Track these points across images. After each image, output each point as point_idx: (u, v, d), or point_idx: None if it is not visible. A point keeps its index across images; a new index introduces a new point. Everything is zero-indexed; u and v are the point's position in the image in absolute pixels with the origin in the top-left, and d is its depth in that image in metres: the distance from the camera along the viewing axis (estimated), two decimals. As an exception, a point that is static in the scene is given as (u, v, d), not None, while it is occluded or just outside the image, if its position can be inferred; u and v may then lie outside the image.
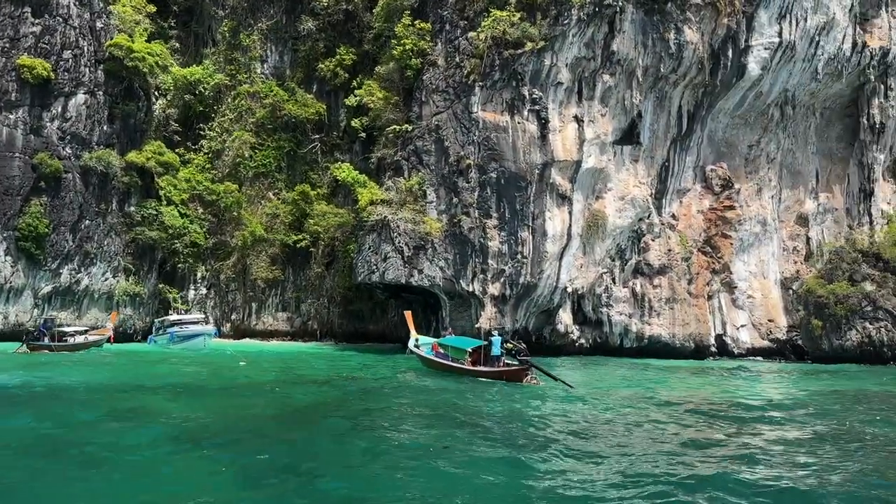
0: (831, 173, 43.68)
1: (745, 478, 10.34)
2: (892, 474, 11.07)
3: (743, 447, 12.99)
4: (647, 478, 10.33)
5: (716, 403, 19.43)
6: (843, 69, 41.04)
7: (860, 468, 11.35)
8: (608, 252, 38.92)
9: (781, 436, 14.38)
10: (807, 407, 19.05)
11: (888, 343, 36.15)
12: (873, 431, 14.97)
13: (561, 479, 10.30)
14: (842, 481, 10.32)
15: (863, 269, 37.75)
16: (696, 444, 13.26)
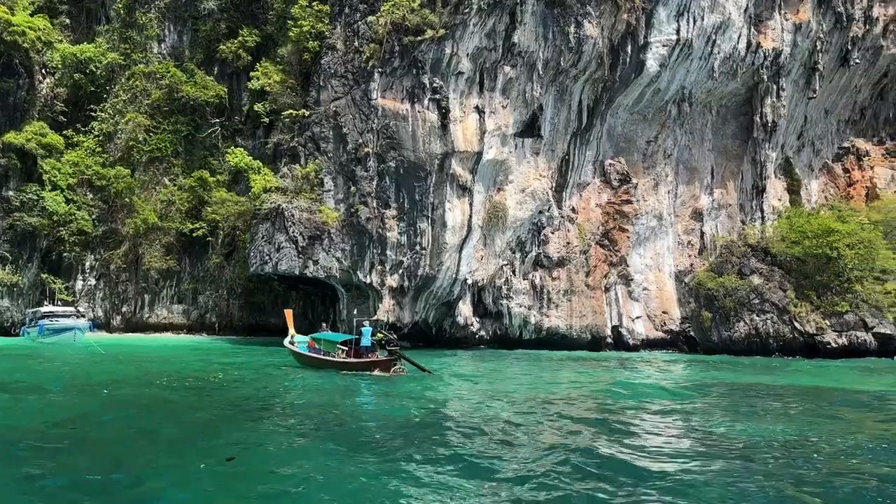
0: (726, 170, 44.61)
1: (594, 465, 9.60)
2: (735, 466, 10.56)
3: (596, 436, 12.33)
4: (511, 471, 9.48)
5: (589, 394, 18.94)
6: (738, 68, 41.86)
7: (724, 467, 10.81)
8: (509, 244, 38.39)
9: (638, 425, 13.87)
10: (671, 396, 18.81)
11: (773, 335, 37.13)
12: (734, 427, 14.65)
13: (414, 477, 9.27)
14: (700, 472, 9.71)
15: (751, 262, 38.65)
16: (567, 433, 12.60)
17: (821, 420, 15.43)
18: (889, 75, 47.78)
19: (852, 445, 12.39)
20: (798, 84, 44.31)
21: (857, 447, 12.26)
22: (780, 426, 14.27)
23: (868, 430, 14.29)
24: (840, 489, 9.43)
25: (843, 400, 19.07)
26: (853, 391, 20.89)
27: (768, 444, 12.38)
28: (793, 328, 36.92)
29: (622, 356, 35.94)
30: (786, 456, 11.44)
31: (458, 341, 37.89)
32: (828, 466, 10.71)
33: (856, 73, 46.37)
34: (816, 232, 37.33)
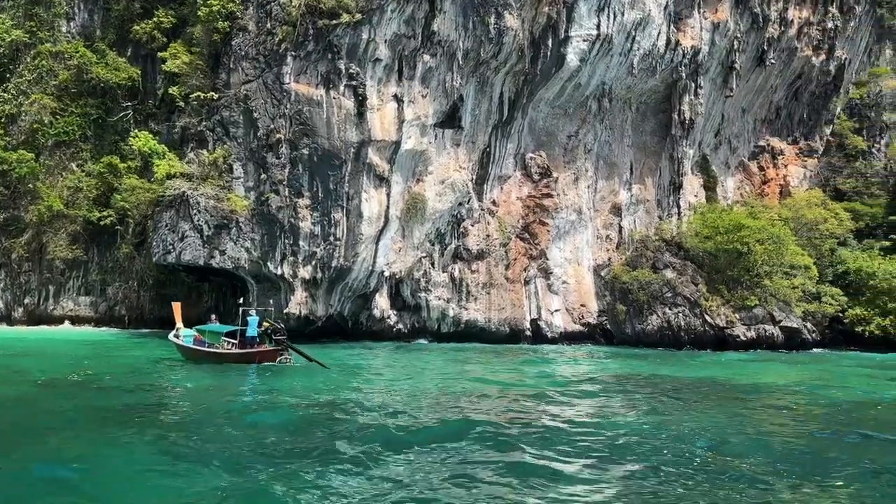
0: (645, 166, 44.74)
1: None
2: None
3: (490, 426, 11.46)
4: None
5: (493, 387, 18.18)
6: (657, 65, 41.92)
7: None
8: (427, 236, 37.44)
9: (523, 416, 13.09)
10: (568, 387, 18.20)
11: (685, 328, 37.32)
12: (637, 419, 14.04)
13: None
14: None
15: (665, 257, 38.78)
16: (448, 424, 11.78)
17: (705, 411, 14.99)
18: (803, 77, 48.82)
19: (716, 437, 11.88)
20: (716, 83, 44.77)
21: (723, 440, 11.77)
22: (666, 418, 13.72)
23: (740, 420, 13.89)
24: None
25: (731, 392, 18.83)
26: (745, 385, 20.74)
27: (643, 437, 11.76)
28: (704, 321, 37.20)
29: (539, 349, 35.55)
30: (666, 449, 10.82)
31: (374, 334, 36.77)
32: (703, 464, 10.10)
33: (772, 73, 47.18)
34: (728, 227, 37.67)
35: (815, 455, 10.91)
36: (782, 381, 21.69)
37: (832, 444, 11.90)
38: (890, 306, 39.85)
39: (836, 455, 10.91)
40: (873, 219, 44.44)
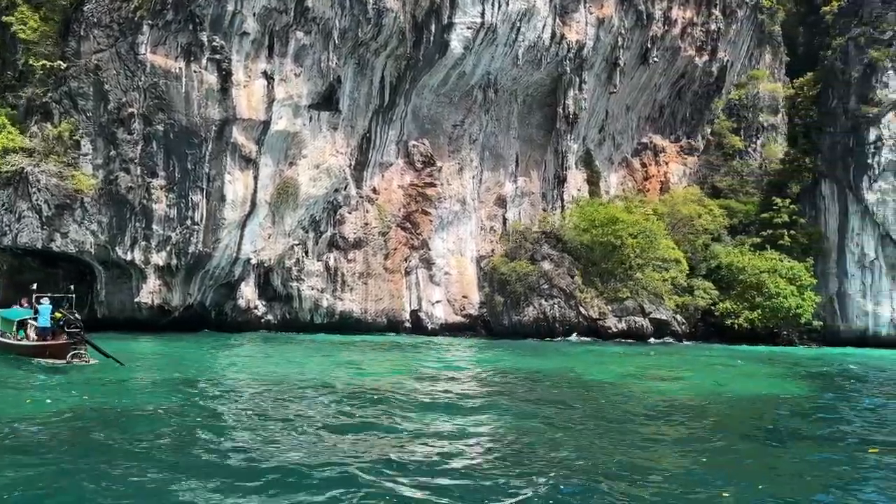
0: (530, 159, 44.07)
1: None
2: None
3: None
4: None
5: (343, 379, 16.48)
6: (542, 58, 41.22)
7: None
8: (301, 223, 35.29)
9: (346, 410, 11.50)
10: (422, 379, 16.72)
11: (560, 319, 36.80)
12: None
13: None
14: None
15: (543, 249, 38.14)
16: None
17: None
18: (686, 76, 49.38)
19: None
20: (600, 78, 44.54)
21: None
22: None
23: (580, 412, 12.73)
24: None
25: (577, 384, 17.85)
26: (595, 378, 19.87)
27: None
28: (578, 313, 36.81)
29: (416, 340, 34.10)
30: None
31: (241, 326, 34.34)
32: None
33: (655, 71, 47.43)
34: (603, 221, 37.39)
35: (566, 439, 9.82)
36: (612, 373, 21.00)
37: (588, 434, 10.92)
38: (757, 301, 40.74)
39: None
40: (746, 216, 45.38)
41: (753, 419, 13.30)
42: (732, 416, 13.72)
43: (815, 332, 42.88)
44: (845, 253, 42.69)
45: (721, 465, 9.34)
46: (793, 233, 42.93)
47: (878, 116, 41.19)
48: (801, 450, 10.43)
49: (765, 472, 9.13)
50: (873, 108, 41.19)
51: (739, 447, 10.56)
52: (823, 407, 14.86)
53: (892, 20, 41.77)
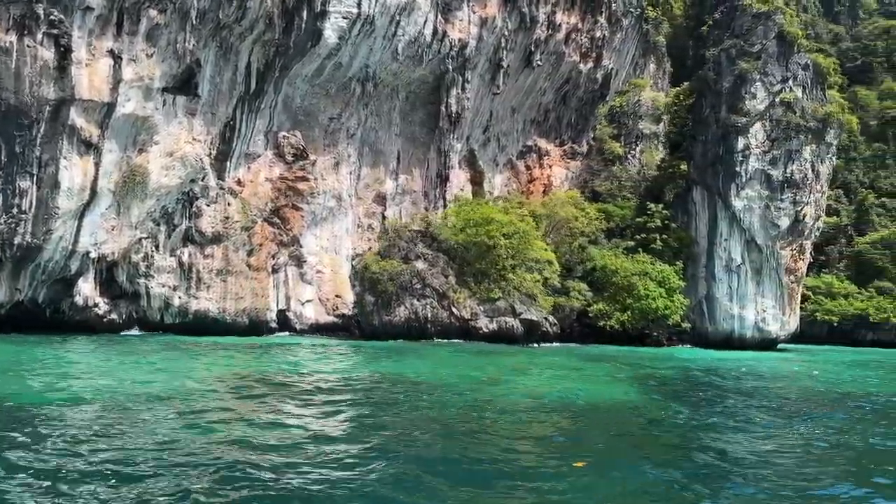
0: (413, 156, 42.60)
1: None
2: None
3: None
4: None
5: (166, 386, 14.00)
6: (424, 54, 39.82)
7: None
8: (151, 215, 32.27)
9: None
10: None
11: (432, 319, 35.31)
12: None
13: None
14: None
15: (418, 248, 36.58)
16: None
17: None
18: (571, 81, 49.30)
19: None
20: (484, 79, 43.61)
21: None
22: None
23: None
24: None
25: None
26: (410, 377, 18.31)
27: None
28: (450, 313, 35.44)
29: (276, 341, 31.72)
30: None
31: (80, 326, 30.95)
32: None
33: (540, 75, 47.04)
34: (478, 221, 36.24)
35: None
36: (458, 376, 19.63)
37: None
38: (628, 302, 40.72)
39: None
40: (623, 220, 45.51)
41: (535, 424, 12.07)
42: (532, 420, 12.43)
43: (684, 334, 43.41)
44: (714, 257, 43.41)
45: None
46: (665, 237, 43.29)
47: (746, 126, 42.07)
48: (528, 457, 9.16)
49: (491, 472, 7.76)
50: (742, 117, 42.05)
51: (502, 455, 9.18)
52: (619, 412, 13.85)
53: (762, 34, 42.85)
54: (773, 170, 41.79)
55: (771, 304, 42.65)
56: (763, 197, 41.75)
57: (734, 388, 19.10)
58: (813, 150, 42.20)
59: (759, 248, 42.35)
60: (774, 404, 15.88)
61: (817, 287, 59.71)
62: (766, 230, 41.92)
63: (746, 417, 13.22)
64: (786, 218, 41.77)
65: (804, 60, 42.71)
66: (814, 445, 10.54)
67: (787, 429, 12.03)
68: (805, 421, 13.11)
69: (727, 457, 9.58)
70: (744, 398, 17.07)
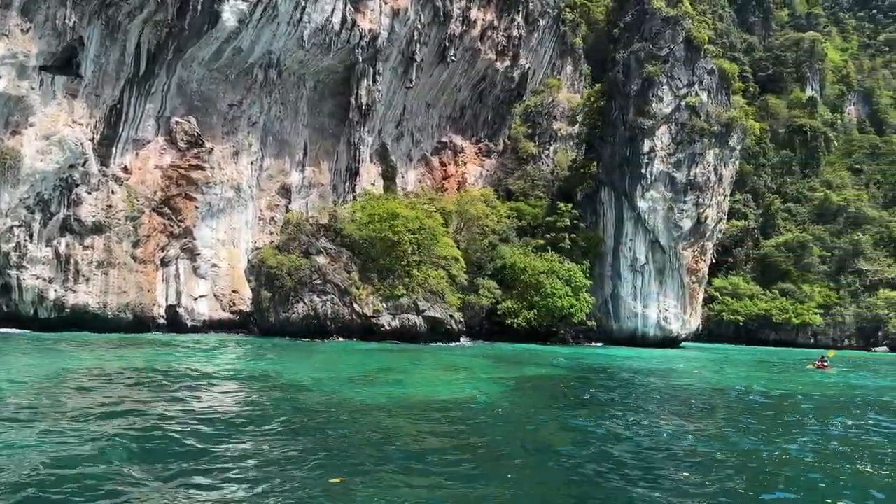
0: (321, 148, 41.34)
1: None
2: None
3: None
4: None
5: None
6: (332, 43, 38.63)
7: None
8: (24, 202, 29.93)
9: None
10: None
11: (332, 316, 34.18)
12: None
13: None
14: None
15: (320, 242, 35.39)
16: None
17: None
18: (487, 79, 49.09)
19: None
20: (397, 72, 42.80)
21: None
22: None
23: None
24: None
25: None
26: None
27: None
28: (352, 310, 34.43)
29: (166, 339, 29.77)
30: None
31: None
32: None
33: (456, 71, 46.62)
34: (383, 216, 35.38)
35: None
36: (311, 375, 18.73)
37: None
38: (536, 300, 40.73)
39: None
40: (535, 219, 45.60)
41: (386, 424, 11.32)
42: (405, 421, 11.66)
43: (591, 332, 43.87)
44: (619, 257, 44.03)
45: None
46: (573, 236, 43.58)
47: (652, 129, 42.79)
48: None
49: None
50: (649, 120, 42.73)
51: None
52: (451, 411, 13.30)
53: (670, 38, 43.66)
54: (677, 172, 42.66)
55: (673, 304, 43.56)
56: (667, 199, 42.57)
57: (600, 384, 18.95)
58: (716, 153, 43.31)
59: (662, 248, 43.17)
60: (634, 403, 15.71)
61: (724, 288, 61.85)
62: (669, 231, 42.76)
63: (595, 414, 12.87)
64: (688, 220, 42.72)
65: (710, 65, 43.78)
66: (654, 437, 10.18)
67: (633, 425, 11.71)
68: (651, 416, 12.87)
69: (549, 449, 9.12)
70: (608, 393, 16.87)
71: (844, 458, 9.76)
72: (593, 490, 7.53)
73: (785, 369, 29.74)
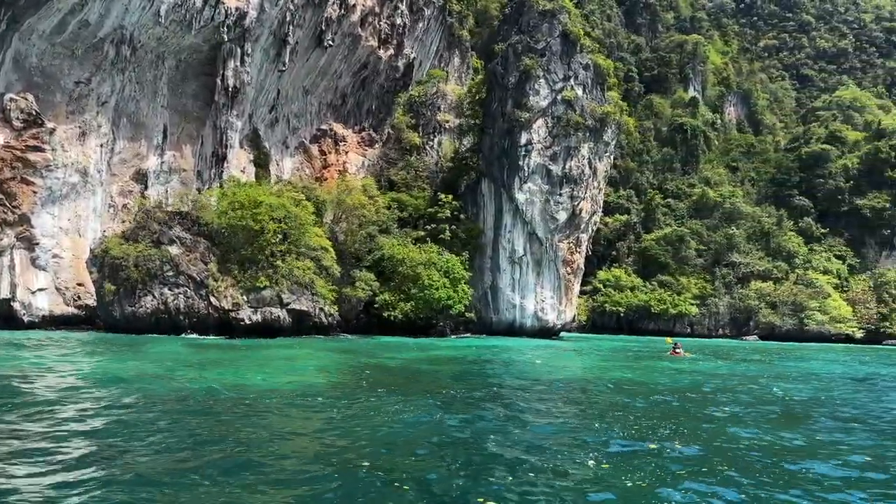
0: (184, 132, 38.92)
1: None
2: None
3: None
4: None
5: None
6: (193, 20, 36.30)
7: None
8: None
9: None
10: None
11: (185, 310, 32.08)
12: None
13: None
14: None
15: (174, 231, 33.14)
16: None
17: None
18: (369, 67, 47.89)
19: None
20: (269, 54, 40.84)
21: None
22: None
23: None
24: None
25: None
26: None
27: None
28: (209, 304, 32.43)
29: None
30: None
31: None
32: None
33: (335, 57, 45.13)
34: (244, 203, 33.53)
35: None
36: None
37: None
38: (413, 292, 40.04)
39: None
40: (417, 210, 44.90)
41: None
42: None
43: (471, 323, 43.71)
44: (499, 249, 44.03)
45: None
46: (454, 228, 43.22)
47: (529, 122, 42.93)
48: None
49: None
50: (526, 112, 42.83)
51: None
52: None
53: (547, 31, 43.91)
54: (553, 165, 43.03)
55: (549, 295, 44.00)
56: (544, 191, 42.88)
57: (417, 372, 18.31)
58: (591, 147, 43.99)
59: (539, 240, 43.49)
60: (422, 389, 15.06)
61: (608, 280, 63.57)
62: (545, 223, 43.12)
63: (390, 405, 12.07)
64: (563, 212, 43.21)
65: (585, 60, 44.37)
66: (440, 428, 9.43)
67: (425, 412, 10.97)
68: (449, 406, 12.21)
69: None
70: (411, 381, 16.18)
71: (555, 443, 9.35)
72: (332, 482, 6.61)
73: (646, 356, 30.34)
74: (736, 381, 19.38)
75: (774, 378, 20.58)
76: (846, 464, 8.57)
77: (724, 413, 12.51)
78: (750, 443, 9.57)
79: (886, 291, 66.87)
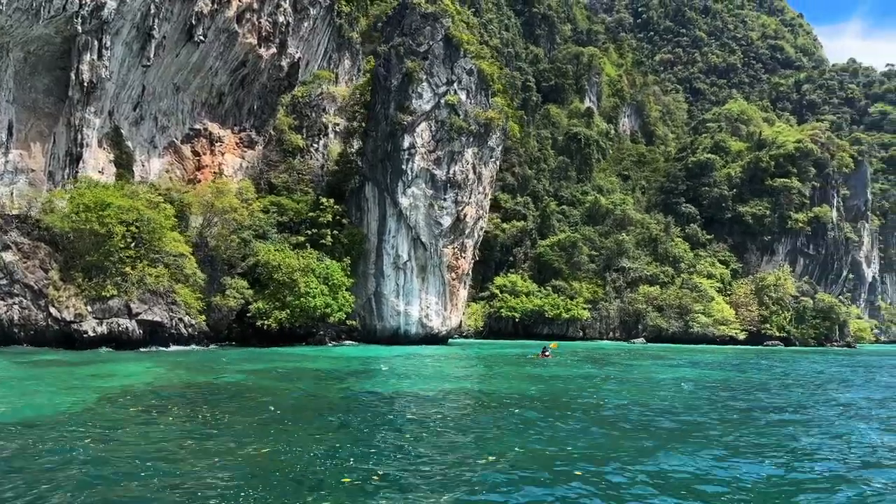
0: (33, 129, 35.42)
1: None
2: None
3: None
4: None
5: None
6: (42, 10, 33.08)
7: None
8: None
9: None
10: None
11: (21, 323, 29.02)
12: None
13: None
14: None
15: (10, 236, 29.97)
16: None
17: None
18: (249, 65, 45.54)
19: None
20: (131, 48, 37.91)
21: None
22: None
23: None
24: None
25: None
26: None
27: None
28: (48, 315, 29.47)
29: None
30: None
31: None
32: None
33: (209, 53, 42.55)
34: (90, 206, 30.71)
35: None
36: None
37: None
38: (289, 300, 38.13)
39: None
40: (298, 214, 42.97)
41: None
42: None
43: (354, 331, 42.18)
44: (383, 254, 42.75)
45: None
46: (336, 233, 41.64)
47: (412, 125, 41.97)
48: None
49: None
50: (409, 116, 41.86)
51: None
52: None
53: (429, 34, 43.15)
54: (437, 170, 42.22)
55: (434, 301, 43.08)
56: (428, 196, 41.98)
57: (258, 387, 16.77)
58: (475, 152, 43.49)
59: (424, 245, 42.52)
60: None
61: (504, 286, 63.50)
62: (430, 228, 42.20)
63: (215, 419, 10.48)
64: (448, 217, 42.44)
65: (469, 66, 43.90)
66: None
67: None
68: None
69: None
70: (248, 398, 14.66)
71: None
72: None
73: (512, 361, 29.77)
74: (574, 385, 18.87)
75: (602, 380, 20.31)
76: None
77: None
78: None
79: (767, 295, 70.14)
